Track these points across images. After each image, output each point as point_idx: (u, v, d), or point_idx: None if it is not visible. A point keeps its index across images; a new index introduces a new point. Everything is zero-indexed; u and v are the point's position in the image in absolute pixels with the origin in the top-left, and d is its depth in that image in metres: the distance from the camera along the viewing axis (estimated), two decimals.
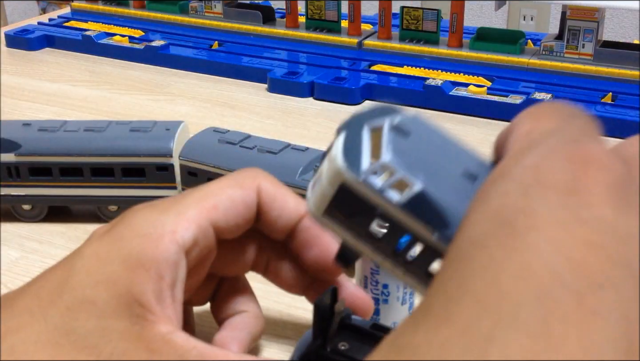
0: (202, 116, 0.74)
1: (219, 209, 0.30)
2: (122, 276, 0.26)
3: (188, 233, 0.28)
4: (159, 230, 0.28)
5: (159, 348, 0.25)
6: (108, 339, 0.25)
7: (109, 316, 0.26)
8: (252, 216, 0.31)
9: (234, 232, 0.31)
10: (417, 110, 0.74)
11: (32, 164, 0.51)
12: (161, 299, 0.27)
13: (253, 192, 0.31)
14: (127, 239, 0.27)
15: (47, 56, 0.92)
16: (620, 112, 0.68)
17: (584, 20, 0.75)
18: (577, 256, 0.16)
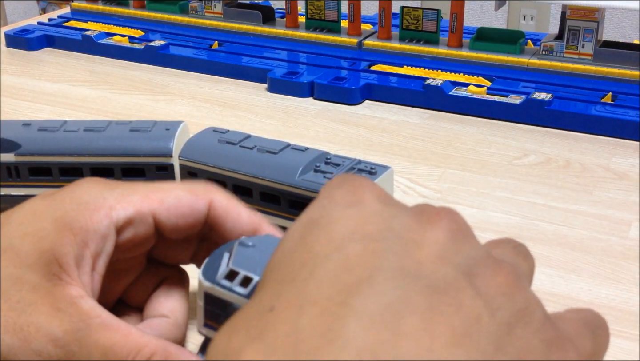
0: (202, 116, 0.74)
1: (163, 204, 0.31)
2: (50, 234, 0.28)
3: (124, 213, 0.30)
4: (98, 202, 0.29)
5: (64, 307, 0.27)
6: (19, 288, 0.27)
7: (27, 267, 0.27)
8: (197, 223, 0.32)
9: (174, 231, 0.32)
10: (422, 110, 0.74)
11: (32, 164, 0.51)
12: (81, 266, 0.28)
13: (203, 201, 0.32)
14: (66, 202, 0.29)
15: (47, 56, 0.92)
16: (620, 112, 0.68)
17: (584, 20, 0.75)
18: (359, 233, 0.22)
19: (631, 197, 0.57)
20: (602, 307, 0.44)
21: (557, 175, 0.61)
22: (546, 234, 0.52)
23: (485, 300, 0.20)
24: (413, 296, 0.19)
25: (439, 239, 0.22)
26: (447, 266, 0.21)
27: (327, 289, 0.20)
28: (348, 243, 0.21)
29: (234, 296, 0.28)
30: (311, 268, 0.21)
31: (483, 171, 0.61)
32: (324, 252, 0.21)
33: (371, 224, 0.22)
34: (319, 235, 0.22)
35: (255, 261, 0.28)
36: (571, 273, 0.48)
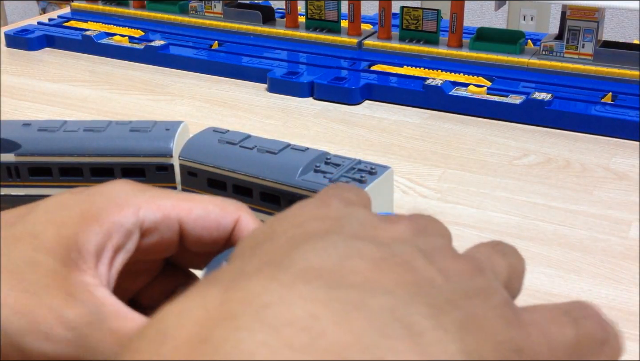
0: (202, 116, 0.74)
1: (191, 214, 0.31)
2: (74, 221, 0.28)
3: (152, 215, 0.30)
4: (128, 200, 0.29)
5: (79, 293, 0.27)
6: (35, 270, 0.27)
7: (45, 251, 0.27)
8: (221, 239, 0.32)
9: (198, 244, 0.32)
10: (417, 110, 0.74)
11: (32, 164, 0.51)
12: (100, 257, 0.28)
13: (231, 218, 0.32)
14: (96, 197, 0.29)
15: (47, 56, 0.92)
16: (620, 112, 0.68)
17: (584, 20, 0.75)
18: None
19: (631, 197, 0.57)
20: (602, 307, 0.44)
21: (557, 175, 0.61)
22: (546, 234, 0.52)
23: (440, 272, 0.20)
24: (364, 249, 0.19)
25: (397, 228, 0.22)
26: (404, 244, 0.21)
27: (282, 245, 0.20)
28: (310, 220, 0.22)
29: None
30: (270, 239, 0.21)
31: (483, 171, 0.61)
32: (285, 229, 0.22)
33: (335, 211, 0.23)
34: (284, 220, 0.23)
35: None
36: (571, 273, 0.48)
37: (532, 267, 0.48)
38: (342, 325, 0.16)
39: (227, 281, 0.19)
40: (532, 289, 0.46)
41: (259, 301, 0.17)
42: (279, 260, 0.19)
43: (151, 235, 0.30)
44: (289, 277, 0.18)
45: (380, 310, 0.17)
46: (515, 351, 0.19)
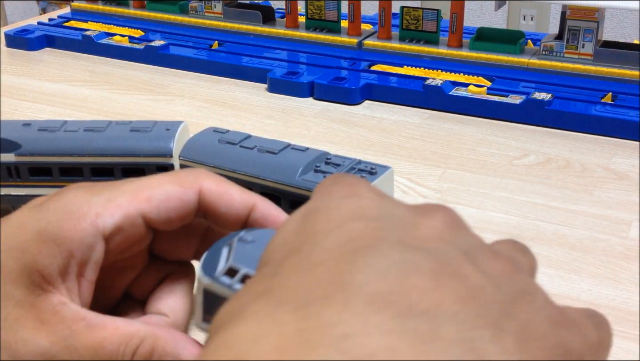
0: (202, 116, 0.74)
1: (152, 202, 0.31)
2: (33, 246, 0.28)
3: (111, 220, 0.30)
4: (83, 210, 0.29)
5: (48, 318, 0.27)
6: (5, 304, 0.27)
7: (11, 282, 0.27)
8: (189, 213, 0.32)
9: (167, 225, 0.32)
10: (420, 109, 0.74)
11: (32, 164, 0.51)
12: (65, 275, 0.28)
13: (192, 191, 0.32)
14: (51, 212, 0.29)
15: (47, 56, 0.92)
16: (620, 112, 0.68)
17: (584, 20, 0.75)
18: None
19: (631, 197, 0.57)
20: (602, 307, 0.44)
21: (557, 175, 0.61)
22: (546, 234, 0.52)
23: (487, 276, 0.20)
24: (418, 261, 0.19)
25: (435, 225, 0.22)
26: (447, 246, 0.21)
27: (332, 253, 0.20)
28: (349, 221, 0.21)
29: (233, 293, 0.28)
30: (313, 242, 0.21)
31: (483, 171, 0.61)
32: (325, 229, 0.21)
33: (370, 209, 0.22)
34: (318, 218, 0.22)
35: (255, 257, 0.28)
36: (571, 273, 0.48)
37: None
38: (420, 358, 0.17)
39: (296, 303, 0.18)
40: None
41: (337, 332, 0.17)
42: (340, 280, 0.19)
43: (117, 237, 0.30)
44: (360, 305, 0.18)
45: (451, 339, 0.17)
46: (567, 352, 0.19)
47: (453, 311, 0.18)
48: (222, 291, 0.28)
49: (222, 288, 0.28)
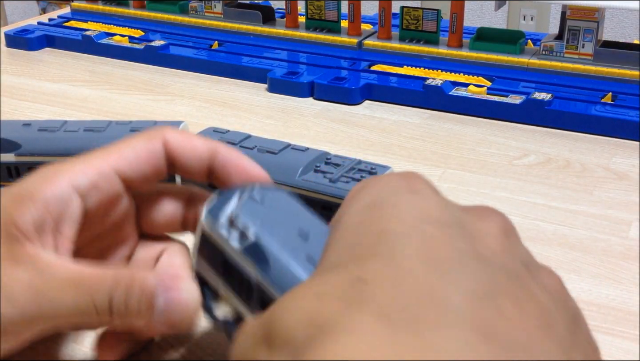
0: (202, 116, 0.74)
1: (123, 158, 0.32)
2: (9, 205, 0.29)
3: (85, 177, 0.31)
4: (57, 171, 0.31)
5: (25, 260, 0.28)
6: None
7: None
8: (160, 165, 0.33)
9: (142, 180, 0.33)
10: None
11: (32, 164, 0.51)
12: (42, 229, 0.29)
13: (158, 142, 0.33)
14: (26, 180, 0.31)
15: (47, 56, 0.92)
16: (620, 112, 0.68)
17: (584, 20, 0.75)
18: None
19: (631, 197, 0.57)
20: (602, 307, 0.44)
21: (557, 175, 0.61)
22: (546, 234, 0.52)
23: (551, 297, 0.21)
24: (499, 281, 0.20)
25: (495, 233, 0.23)
26: (513, 259, 0.22)
27: (418, 264, 0.20)
28: (422, 224, 0.21)
29: (228, 247, 0.28)
30: (392, 244, 0.21)
31: (483, 171, 0.61)
32: (400, 230, 0.21)
33: (437, 210, 0.22)
34: (388, 215, 0.22)
35: (260, 218, 0.28)
36: (571, 273, 0.48)
37: None
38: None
39: (399, 320, 0.18)
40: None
41: (438, 357, 0.17)
42: (436, 298, 0.19)
43: (93, 194, 0.31)
44: (467, 333, 0.18)
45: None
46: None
47: (539, 342, 0.19)
48: (217, 241, 0.29)
49: (218, 237, 0.29)
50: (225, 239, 0.28)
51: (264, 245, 0.27)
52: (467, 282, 0.19)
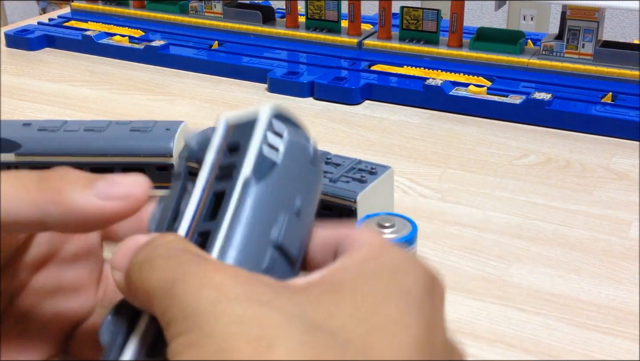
0: (202, 116, 0.74)
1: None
2: None
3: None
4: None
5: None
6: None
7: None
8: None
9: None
10: (419, 109, 0.74)
11: (32, 164, 0.51)
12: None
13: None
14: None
15: (47, 56, 0.92)
16: (620, 112, 0.68)
17: (584, 20, 0.75)
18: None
19: (631, 197, 0.57)
20: (602, 307, 0.44)
21: (557, 175, 0.61)
22: (546, 234, 0.52)
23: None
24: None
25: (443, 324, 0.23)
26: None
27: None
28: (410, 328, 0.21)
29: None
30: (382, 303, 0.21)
31: (483, 171, 0.61)
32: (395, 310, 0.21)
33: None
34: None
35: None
36: (571, 273, 0.48)
37: (532, 267, 0.48)
38: None
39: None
40: (532, 289, 0.46)
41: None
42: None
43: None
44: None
45: None
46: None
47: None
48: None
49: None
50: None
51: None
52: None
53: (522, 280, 0.47)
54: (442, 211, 0.55)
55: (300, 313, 0.19)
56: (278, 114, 0.25)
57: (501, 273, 0.48)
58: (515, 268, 0.48)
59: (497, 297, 0.46)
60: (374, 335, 0.19)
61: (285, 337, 0.18)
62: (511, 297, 0.46)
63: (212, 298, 0.19)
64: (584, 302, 0.45)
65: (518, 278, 0.47)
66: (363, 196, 0.45)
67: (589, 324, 0.43)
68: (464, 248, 0.51)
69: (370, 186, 0.45)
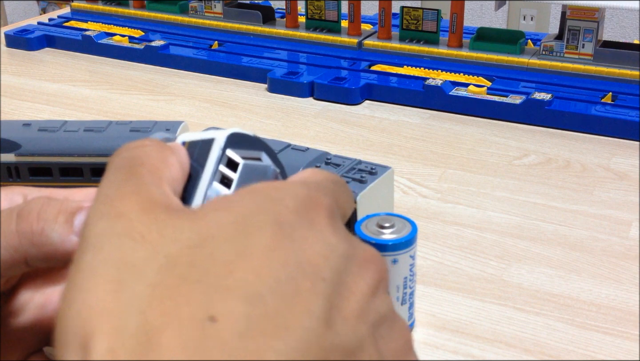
0: (202, 116, 0.74)
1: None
2: None
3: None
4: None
5: None
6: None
7: None
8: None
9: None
10: (417, 109, 0.74)
11: (32, 164, 0.51)
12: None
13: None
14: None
15: (47, 56, 0.92)
16: (620, 112, 0.68)
17: (584, 20, 0.75)
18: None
19: (631, 197, 0.57)
20: (602, 307, 0.44)
21: (557, 175, 0.61)
22: (546, 234, 0.52)
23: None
24: (328, 357, 0.18)
25: (361, 290, 0.21)
26: (362, 326, 0.20)
27: (246, 323, 0.18)
28: (297, 273, 0.19)
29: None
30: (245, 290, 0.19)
31: (483, 171, 0.61)
32: (254, 277, 0.19)
33: (319, 258, 0.20)
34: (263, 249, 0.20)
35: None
36: (571, 273, 0.48)
37: (532, 267, 0.49)
38: None
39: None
40: (532, 289, 0.46)
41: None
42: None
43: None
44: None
45: None
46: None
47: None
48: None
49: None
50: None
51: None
52: (289, 358, 0.17)
53: (522, 280, 0.47)
54: (442, 211, 0.55)
55: (168, 246, 0.19)
56: (235, 139, 0.25)
57: (501, 273, 0.48)
58: (515, 268, 0.48)
59: (497, 297, 0.46)
60: (238, 261, 0.18)
61: (138, 279, 0.18)
62: (511, 297, 0.46)
63: (98, 232, 0.19)
64: (584, 302, 0.45)
65: (518, 278, 0.47)
66: (363, 196, 0.45)
67: (589, 324, 0.43)
68: (463, 248, 0.51)
69: (370, 186, 0.45)
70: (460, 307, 0.45)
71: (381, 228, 0.39)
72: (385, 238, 0.39)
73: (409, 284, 0.40)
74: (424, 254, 0.50)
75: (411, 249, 0.39)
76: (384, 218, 0.40)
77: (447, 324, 0.44)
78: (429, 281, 0.47)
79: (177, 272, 0.18)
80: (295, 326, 0.18)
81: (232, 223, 0.19)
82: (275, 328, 0.17)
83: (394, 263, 0.39)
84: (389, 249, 0.39)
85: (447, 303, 0.45)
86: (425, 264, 0.49)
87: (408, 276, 0.40)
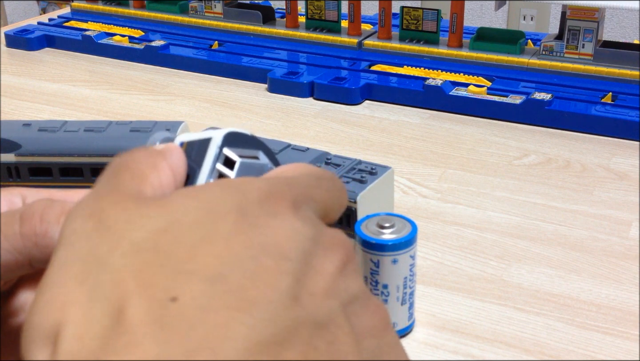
0: (202, 116, 0.74)
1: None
2: None
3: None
4: None
5: None
6: None
7: None
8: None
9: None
10: (418, 109, 0.74)
11: (32, 164, 0.51)
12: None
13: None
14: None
15: (47, 56, 0.92)
16: (620, 112, 0.68)
17: (584, 20, 0.75)
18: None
19: (631, 197, 0.57)
20: (602, 307, 0.44)
21: (557, 175, 0.61)
22: (546, 234, 0.52)
23: (357, 340, 0.20)
24: (298, 332, 0.18)
25: (328, 270, 0.21)
26: (333, 302, 0.20)
27: (219, 295, 0.19)
28: (261, 254, 0.20)
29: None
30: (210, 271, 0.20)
31: (483, 171, 0.61)
32: (227, 259, 0.20)
33: (284, 239, 0.20)
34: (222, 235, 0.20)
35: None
36: (571, 273, 0.48)
37: (532, 267, 0.49)
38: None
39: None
40: (532, 289, 0.46)
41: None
42: (206, 339, 0.18)
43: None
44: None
45: None
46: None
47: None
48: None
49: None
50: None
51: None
52: (257, 330, 0.18)
53: (522, 280, 0.47)
54: (442, 211, 0.55)
55: (134, 232, 0.19)
56: (232, 138, 0.26)
57: (501, 273, 0.48)
58: (515, 268, 0.48)
59: (497, 297, 0.46)
60: (201, 245, 0.19)
61: (102, 268, 0.18)
62: (511, 297, 0.46)
63: (70, 231, 0.20)
64: (584, 302, 0.45)
65: (518, 278, 0.47)
66: (363, 196, 0.45)
67: (589, 324, 0.43)
68: (463, 248, 0.51)
69: (370, 186, 0.45)
70: (460, 307, 0.45)
71: (381, 228, 0.39)
72: (385, 238, 0.39)
73: (409, 284, 0.40)
74: (424, 254, 0.50)
75: (411, 249, 0.39)
76: (384, 218, 0.40)
77: (447, 324, 0.44)
78: (429, 281, 0.47)
79: (141, 257, 0.18)
80: (260, 299, 0.18)
81: (197, 208, 0.19)
82: (239, 302, 0.17)
83: (394, 263, 0.39)
84: (389, 249, 0.39)
85: (447, 303, 0.45)
86: (425, 264, 0.49)
87: (408, 276, 0.40)
